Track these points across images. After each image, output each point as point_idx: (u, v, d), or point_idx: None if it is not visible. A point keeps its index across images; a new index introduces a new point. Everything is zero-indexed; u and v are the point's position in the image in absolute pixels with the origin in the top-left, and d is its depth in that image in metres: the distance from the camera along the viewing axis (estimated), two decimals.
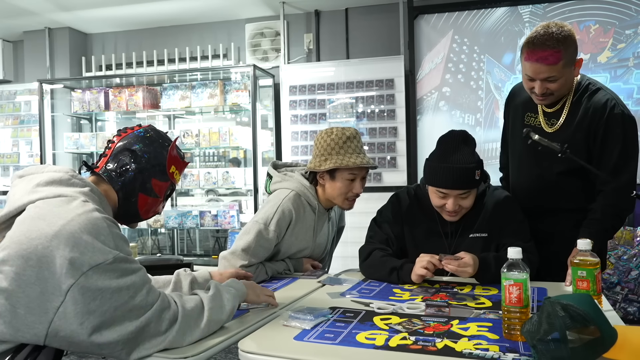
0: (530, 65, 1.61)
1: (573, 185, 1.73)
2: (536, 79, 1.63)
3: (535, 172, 1.78)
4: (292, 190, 1.83)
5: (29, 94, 4.57)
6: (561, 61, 1.57)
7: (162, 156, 1.29)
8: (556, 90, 1.65)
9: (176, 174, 1.34)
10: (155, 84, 4.26)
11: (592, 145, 1.68)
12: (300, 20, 4.22)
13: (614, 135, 1.64)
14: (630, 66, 3.27)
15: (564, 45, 1.56)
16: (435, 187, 1.66)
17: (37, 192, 1.10)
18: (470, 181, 1.62)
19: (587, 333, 0.96)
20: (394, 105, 3.77)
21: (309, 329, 1.19)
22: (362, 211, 1.95)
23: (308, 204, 1.85)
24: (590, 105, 1.67)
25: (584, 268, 1.24)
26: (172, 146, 1.32)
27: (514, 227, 1.69)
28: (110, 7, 4.10)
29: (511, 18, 3.50)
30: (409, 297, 1.48)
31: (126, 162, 1.26)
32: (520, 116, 1.84)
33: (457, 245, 1.72)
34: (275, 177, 1.91)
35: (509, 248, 1.16)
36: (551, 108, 1.75)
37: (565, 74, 1.61)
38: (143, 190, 1.27)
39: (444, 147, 1.67)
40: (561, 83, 1.63)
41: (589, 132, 1.67)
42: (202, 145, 4.01)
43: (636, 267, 3.19)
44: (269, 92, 4.16)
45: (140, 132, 1.31)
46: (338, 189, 1.80)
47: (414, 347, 1.07)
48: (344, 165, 1.75)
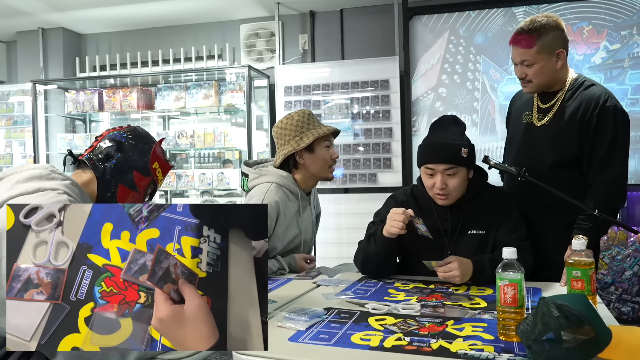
0: (512, 49, 1.75)
1: (565, 178, 1.73)
2: (517, 63, 1.74)
3: (528, 166, 1.77)
4: (272, 182, 1.91)
5: (23, 94, 4.54)
6: (535, 46, 1.67)
7: (146, 150, 1.35)
8: (533, 77, 1.72)
9: (159, 172, 1.37)
10: (150, 85, 4.24)
11: (584, 138, 1.70)
12: (295, 21, 4.22)
13: (606, 128, 1.66)
14: (626, 67, 3.28)
15: (538, 32, 1.67)
16: (424, 164, 1.69)
17: (16, 188, 1.10)
18: (455, 157, 1.64)
19: (582, 333, 0.96)
20: (389, 106, 3.77)
21: (304, 330, 1.18)
22: (358, 212, 1.96)
23: (290, 192, 1.94)
24: (584, 99, 1.70)
25: (579, 268, 1.24)
26: (158, 144, 1.37)
27: (510, 226, 1.69)
28: (104, 7, 4.08)
29: (505, 18, 3.51)
30: (404, 298, 1.48)
31: (110, 150, 1.31)
32: (519, 115, 1.90)
33: (456, 243, 1.72)
34: (251, 175, 1.99)
35: (504, 248, 1.16)
36: (545, 104, 1.80)
37: (541, 60, 1.69)
38: (123, 181, 1.30)
39: (433, 129, 1.74)
40: (537, 70, 1.70)
41: (581, 125, 1.69)
42: (197, 146, 4.00)
43: (630, 267, 3.20)
44: (264, 92, 4.15)
45: (129, 129, 1.38)
46: (321, 159, 1.94)
47: (408, 347, 1.07)
48: (322, 134, 1.92)
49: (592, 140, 1.68)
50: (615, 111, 1.67)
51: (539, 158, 1.78)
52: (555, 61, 1.71)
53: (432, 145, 1.67)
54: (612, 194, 1.66)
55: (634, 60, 3.28)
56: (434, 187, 1.67)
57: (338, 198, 3.81)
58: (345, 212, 3.69)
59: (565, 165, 1.74)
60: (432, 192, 1.70)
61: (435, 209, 1.75)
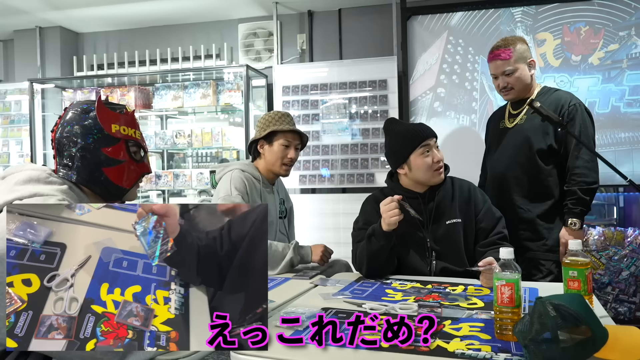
0: (492, 64, 2.11)
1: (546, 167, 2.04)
2: (498, 76, 2.10)
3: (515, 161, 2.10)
4: (235, 169, 2.12)
5: (20, 93, 4.52)
6: (512, 56, 2.05)
7: (94, 124, 1.20)
8: (514, 84, 2.08)
9: (124, 130, 1.23)
10: (148, 84, 4.23)
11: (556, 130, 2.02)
12: (294, 20, 4.22)
13: (574, 122, 2.01)
14: (624, 67, 3.29)
15: (512, 44, 2.06)
16: (421, 143, 1.77)
17: (15, 191, 1.09)
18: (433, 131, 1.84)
19: (579, 333, 0.96)
20: (387, 106, 3.77)
21: (301, 330, 1.18)
22: (356, 212, 1.97)
23: (252, 177, 2.12)
24: (552, 100, 2.06)
25: (575, 268, 1.25)
26: (98, 108, 1.22)
27: (484, 210, 1.82)
28: (101, 6, 4.07)
29: (503, 18, 3.52)
30: (402, 298, 1.48)
31: (70, 151, 1.19)
32: (497, 127, 2.25)
33: (434, 232, 1.79)
34: (217, 170, 2.20)
35: (501, 249, 1.17)
36: (516, 110, 2.15)
37: (519, 68, 2.06)
38: (102, 164, 1.20)
39: (394, 125, 1.89)
40: (517, 77, 2.06)
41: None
42: (194, 146, 4.00)
43: (627, 268, 3.21)
44: (262, 92, 4.15)
45: (65, 114, 1.24)
46: (275, 153, 2.13)
47: (406, 347, 1.07)
48: (280, 129, 2.11)
49: (565, 134, 1.99)
50: (579, 108, 2.03)
51: (515, 151, 2.09)
52: (529, 69, 2.07)
53: (414, 127, 1.84)
54: (590, 175, 1.97)
55: (632, 60, 3.28)
56: (434, 161, 1.77)
57: (336, 198, 3.81)
58: (343, 212, 3.69)
59: (543, 156, 2.04)
60: (433, 168, 1.78)
61: (408, 203, 1.78)
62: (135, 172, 1.25)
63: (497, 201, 2.00)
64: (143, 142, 1.29)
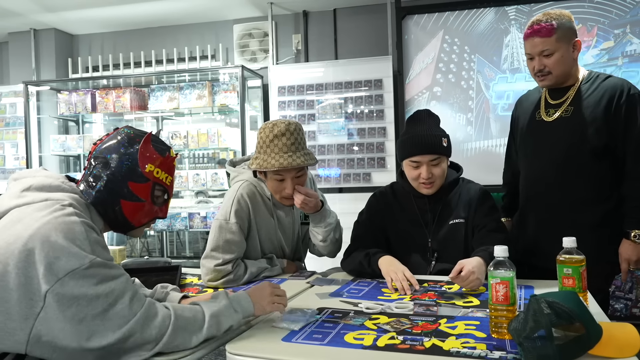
0: (528, 42, 1.73)
1: (599, 168, 1.71)
2: (534, 56, 1.72)
3: (561, 162, 1.75)
4: (246, 180, 1.83)
5: (14, 96, 4.51)
6: (554, 35, 1.68)
7: (132, 157, 1.17)
8: (553, 68, 1.71)
9: (158, 172, 1.21)
10: (143, 86, 4.22)
11: (612, 126, 1.68)
12: (289, 21, 4.21)
13: (635, 117, 1.67)
14: (619, 65, 3.31)
15: (556, 20, 1.69)
16: (408, 157, 1.73)
17: (24, 196, 1.09)
18: (438, 147, 1.71)
19: (573, 330, 0.97)
20: (382, 105, 3.77)
21: (297, 330, 1.18)
22: (353, 212, 1.97)
23: (261, 195, 1.82)
24: (607, 88, 1.70)
25: (570, 265, 1.25)
26: (144, 143, 1.19)
27: (484, 209, 1.75)
28: (96, 7, 4.06)
29: (497, 16, 3.53)
30: (397, 297, 1.48)
31: (99, 171, 1.17)
32: (531, 116, 1.87)
33: (436, 232, 1.77)
34: (232, 173, 1.94)
35: (496, 247, 1.17)
36: (556, 100, 1.79)
37: (560, 49, 1.69)
38: (123, 196, 1.17)
39: (411, 123, 1.79)
40: (557, 59, 1.70)
41: (607, 113, 1.68)
42: (190, 147, 3.99)
43: None
44: (257, 93, 4.15)
45: (113, 135, 1.22)
46: (271, 187, 1.78)
47: (402, 346, 1.07)
48: (264, 168, 1.69)
49: (624, 130, 1.67)
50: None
51: (560, 151, 1.75)
52: (572, 51, 1.72)
53: (415, 137, 1.72)
54: None
55: (628, 58, 3.30)
56: (420, 177, 1.72)
57: (332, 198, 3.81)
58: (340, 211, 3.64)
59: (596, 155, 1.70)
60: (417, 182, 1.75)
61: (415, 202, 1.80)
62: (150, 214, 1.23)
63: (536, 207, 1.81)
64: (171, 188, 1.27)
